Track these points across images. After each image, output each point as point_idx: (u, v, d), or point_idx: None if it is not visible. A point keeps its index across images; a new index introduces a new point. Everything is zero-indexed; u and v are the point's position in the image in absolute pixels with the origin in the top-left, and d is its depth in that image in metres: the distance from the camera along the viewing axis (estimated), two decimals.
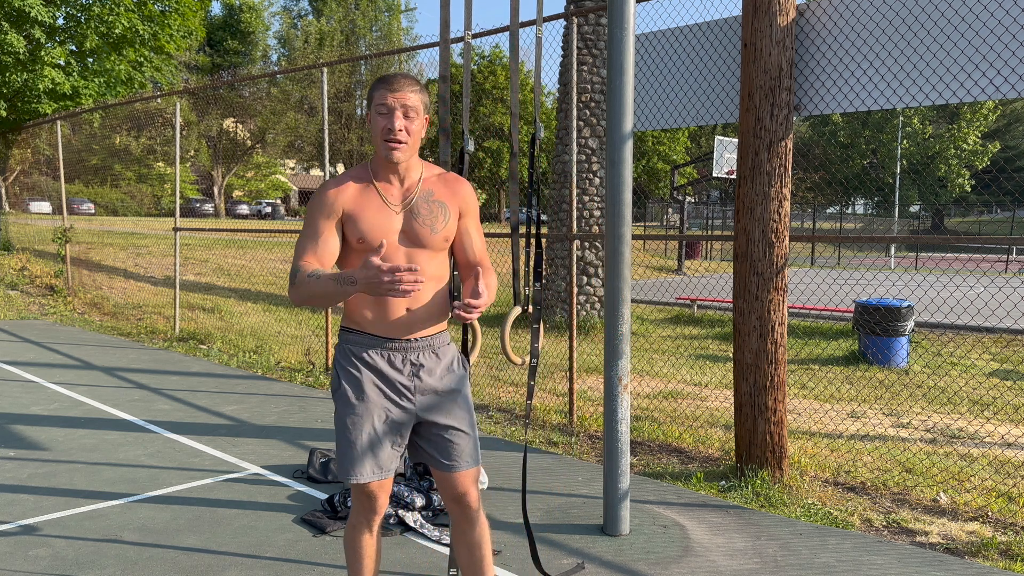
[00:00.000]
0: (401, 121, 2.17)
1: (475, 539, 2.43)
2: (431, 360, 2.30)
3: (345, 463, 2.27)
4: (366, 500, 2.32)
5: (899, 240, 4.08)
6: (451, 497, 2.38)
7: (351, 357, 2.28)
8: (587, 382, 7.03)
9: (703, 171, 36.42)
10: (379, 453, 2.26)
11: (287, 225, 30.09)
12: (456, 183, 2.34)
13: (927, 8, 3.88)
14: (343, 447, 2.28)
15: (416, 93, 2.19)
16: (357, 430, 2.25)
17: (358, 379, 2.26)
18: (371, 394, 2.26)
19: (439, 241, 2.26)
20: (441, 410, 2.32)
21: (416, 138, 2.21)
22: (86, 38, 17.37)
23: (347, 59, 7.21)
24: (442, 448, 2.33)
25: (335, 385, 2.31)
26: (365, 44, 37.44)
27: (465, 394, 2.38)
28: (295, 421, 5.53)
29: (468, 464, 2.35)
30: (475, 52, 39.25)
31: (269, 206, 46.79)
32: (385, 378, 2.26)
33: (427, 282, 2.26)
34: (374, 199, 2.23)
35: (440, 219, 2.26)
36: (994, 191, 45.09)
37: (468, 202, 2.36)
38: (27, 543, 3.39)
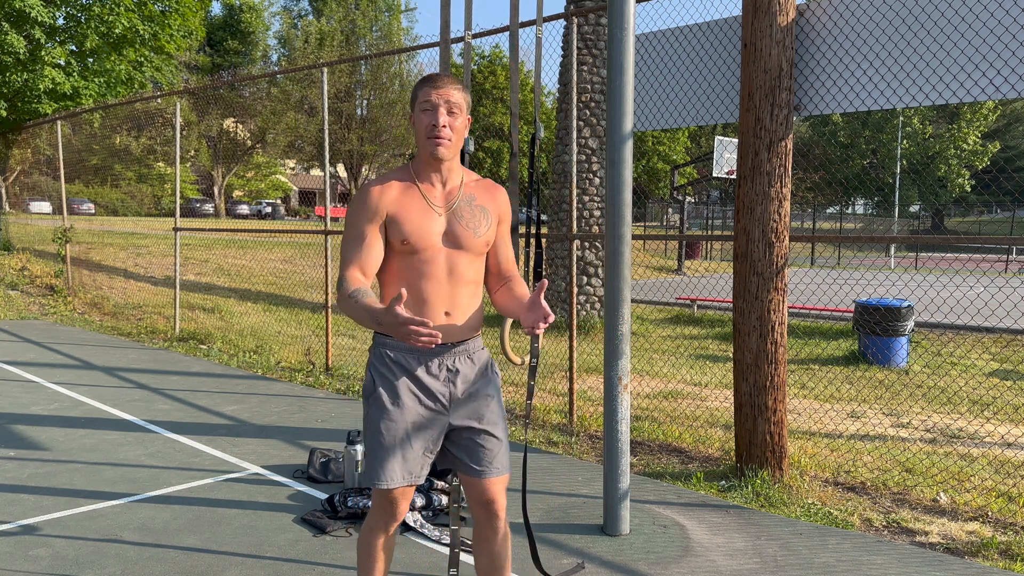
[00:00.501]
0: (445, 117, 2.16)
1: (497, 548, 2.41)
2: (466, 365, 2.28)
3: (376, 467, 2.24)
4: (389, 505, 2.28)
5: (899, 240, 4.08)
6: (478, 503, 2.35)
7: (387, 361, 2.25)
8: (587, 382, 7.03)
9: (703, 171, 36.42)
10: (410, 459, 2.23)
11: (287, 225, 30.10)
12: (495, 189, 2.35)
13: (927, 8, 3.88)
14: (375, 451, 2.24)
15: (459, 91, 2.20)
16: (391, 435, 2.22)
17: (394, 383, 2.23)
18: (406, 399, 2.22)
19: (480, 245, 2.25)
20: (475, 415, 2.29)
21: (459, 136, 2.21)
22: (86, 38, 17.37)
23: (347, 59, 7.21)
24: (474, 453, 2.30)
25: (369, 389, 2.27)
26: (365, 44, 37.41)
27: (498, 399, 2.36)
28: (295, 421, 5.53)
29: (499, 471, 2.32)
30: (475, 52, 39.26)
31: (269, 206, 46.79)
32: (421, 383, 2.23)
33: (465, 286, 2.24)
34: (417, 200, 2.21)
35: (483, 223, 2.26)
36: (994, 191, 45.09)
37: (505, 210, 2.36)
38: (27, 543, 3.39)
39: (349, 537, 3.49)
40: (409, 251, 2.19)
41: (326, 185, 6.70)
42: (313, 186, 57.15)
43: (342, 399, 6.22)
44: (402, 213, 2.19)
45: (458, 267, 2.22)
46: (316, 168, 42.56)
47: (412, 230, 2.18)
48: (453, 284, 2.22)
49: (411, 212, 2.19)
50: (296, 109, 33.19)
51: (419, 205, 2.21)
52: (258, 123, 36.96)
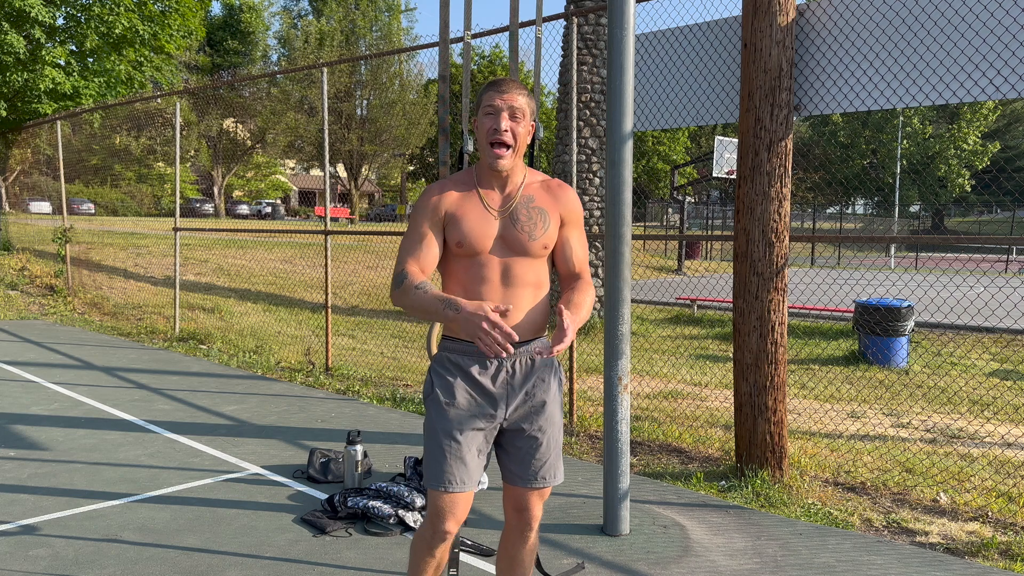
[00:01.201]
0: (507, 122, 2.14)
1: (522, 556, 2.40)
2: (525, 367, 2.24)
3: (435, 470, 2.20)
4: (443, 511, 2.22)
5: (899, 240, 4.08)
6: (514, 508, 2.33)
7: (447, 363, 2.25)
8: (587, 382, 7.03)
9: (703, 171, 36.42)
10: (468, 461, 2.20)
11: (287, 225, 30.09)
12: (559, 190, 2.29)
13: (927, 8, 3.88)
14: (433, 452, 2.21)
15: (525, 96, 2.18)
16: (446, 437, 2.20)
17: (451, 385, 2.22)
18: (463, 401, 2.21)
19: (538, 248, 2.22)
20: (532, 420, 2.26)
21: (522, 142, 2.18)
22: (86, 38, 17.37)
23: (347, 59, 7.21)
24: (521, 460, 2.27)
25: (427, 390, 2.27)
26: (365, 44, 37.41)
27: (559, 405, 2.32)
28: (295, 421, 5.53)
29: (543, 482, 2.29)
30: (475, 52, 39.24)
31: (269, 206, 46.79)
32: (477, 384, 2.21)
33: (523, 289, 2.21)
34: (476, 204, 2.21)
35: (540, 226, 2.22)
36: (994, 191, 45.09)
37: (571, 210, 2.30)
38: (27, 543, 3.39)
39: (349, 537, 3.49)
40: (465, 254, 2.19)
41: (326, 185, 6.70)
42: (313, 186, 57.15)
43: (342, 399, 6.22)
44: (460, 216, 2.19)
45: (514, 270, 2.20)
46: (316, 168, 42.57)
47: (467, 233, 2.18)
48: (509, 287, 2.20)
49: (468, 215, 2.19)
50: (296, 109, 33.20)
51: (477, 208, 2.21)
52: (258, 123, 36.97)
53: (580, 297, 2.20)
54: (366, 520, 3.66)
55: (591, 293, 2.25)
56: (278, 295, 13.18)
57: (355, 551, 3.34)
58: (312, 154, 36.05)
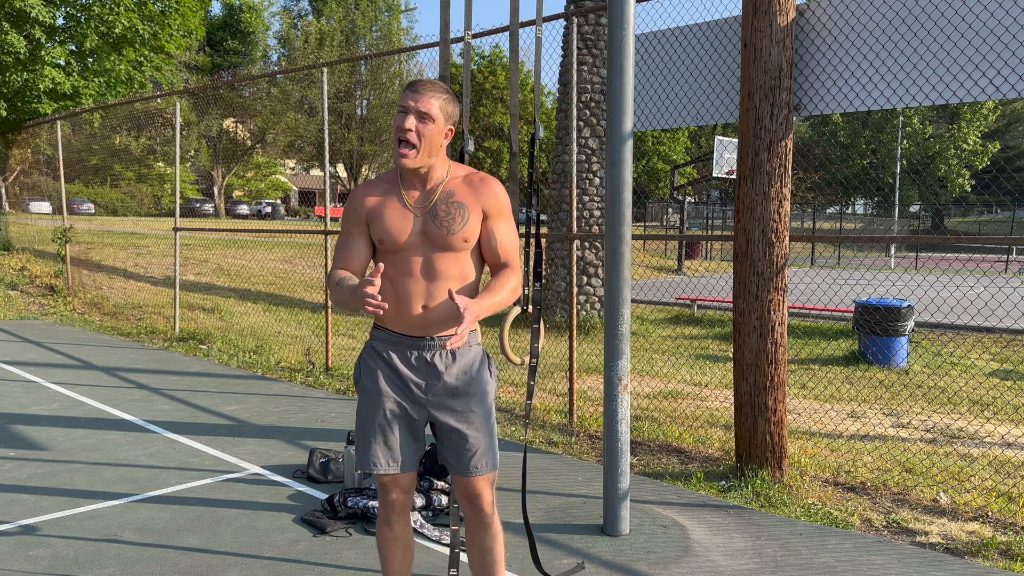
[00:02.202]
0: (412, 122, 2.19)
1: (486, 543, 2.45)
2: (445, 360, 2.32)
3: (360, 452, 2.35)
4: (382, 492, 2.39)
5: (899, 240, 4.08)
6: (463, 497, 2.41)
7: (372, 352, 2.37)
8: (587, 382, 7.03)
9: (703, 171, 36.42)
10: (392, 446, 2.33)
11: (287, 225, 30.09)
12: (482, 184, 2.32)
13: (927, 8, 3.88)
14: (359, 437, 2.36)
15: (439, 100, 2.22)
16: (370, 422, 2.33)
17: (375, 372, 2.34)
18: (385, 388, 2.32)
19: (457, 242, 2.27)
20: (453, 411, 2.34)
21: (429, 142, 2.22)
22: (86, 38, 17.37)
23: (347, 59, 7.21)
24: (453, 450, 2.37)
25: (356, 377, 2.40)
26: (365, 44, 37.40)
27: (484, 399, 2.37)
28: (295, 421, 5.53)
29: (480, 469, 2.36)
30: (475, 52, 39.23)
31: (269, 206, 46.79)
32: (399, 374, 2.32)
33: (446, 282, 2.28)
34: (395, 202, 2.30)
35: (458, 220, 2.27)
36: (994, 191, 45.09)
37: (493, 202, 2.32)
38: (27, 543, 3.39)
39: (349, 537, 3.49)
40: (387, 250, 2.29)
41: (326, 185, 6.70)
42: (313, 186, 57.14)
43: (342, 399, 6.22)
44: (380, 214, 2.29)
45: (436, 264, 2.27)
46: (316, 168, 42.57)
47: (387, 230, 2.27)
48: (432, 280, 2.27)
49: (388, 213, 2.28)
50: (296, 109, 33.19)
51: (396, 206, 2.29)
52: (258, 123, 36.96)
53: (497, 282, 2.27)
54: (366, 520, 3.66)
55: (514, 277, 2.30)
56: (278, 295, 13.18)
57: (355, 551, 3.34)
58: (312, 154, 36.05)
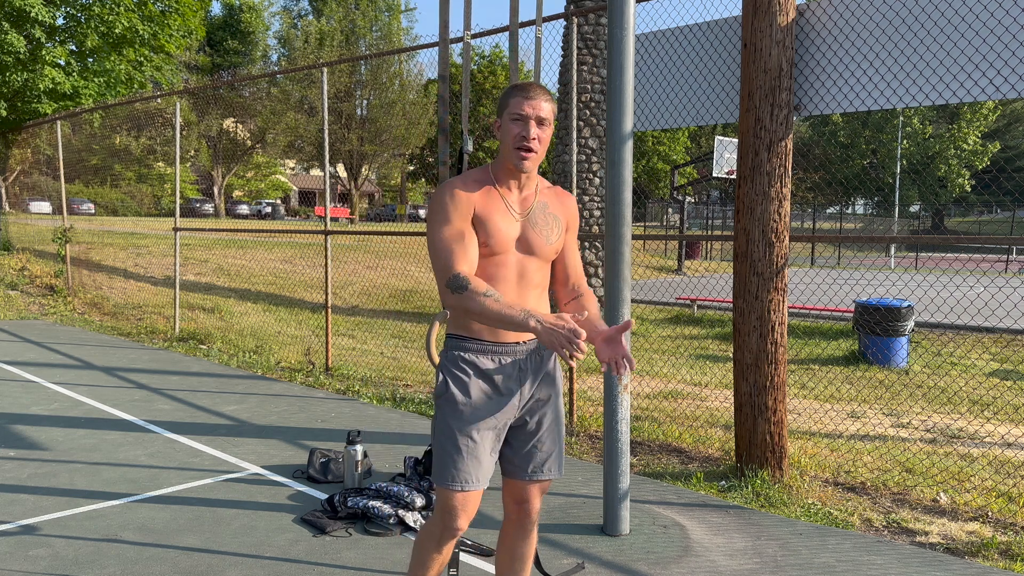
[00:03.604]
0: (535, 130, 2.17)
1: (522, 550, 2.43)
2: (534, 364, 2.30)
3: (450, 469, 2.21)
4: (455, 510, 2.24)
5: (899, 240, 4.08)
6: (514, 500, 2.37)
7: (460, 363, 2.25)
8: (587, 382, 7.03)
9: (703, 171, 36.42)
10: (483, 459, 2.23)
11: (287, 225, 30.08)
12: (566, 197, 2.37)
13: (927, 8, 3.88)
14: (448, 452, 2.22)
15: (550, 103, 2.22)
16: (461, 436, 2.21)
17: (466, 384, 2.23)
18: (478, 400, 2.23)
19: (550, 252, 2.28)
20: (538, 414, 2.32)
21: (544, 148, 2.22)
22: (86, 38, 17.37)
23: (347, 59, 7.21)
24: (525, 455, 2.32)
25: (441, 390, 2.25)
26: (365, 44, 37.40)
27: (557, 401, 2.37)
28: (295, 421, 5.53)
29: (550, 472, 2.34)
30: (475, 52, 39.22)
31: (269, 206, 46.78)
32: (493, 382, 2.24)
33: (533, 290, 2.27)
34: (499, 204, 2.23)
35: (555, 231, 2.29)
36: (994, 191, 45.09)
37: (574, 217, 2.38)
38: (27, 543, 3.39)
39: (349, 537, 3.49)
40: (487, 253, 2.21)
41: (326, 185, 6.70)
42: (313, 186, 57.13)
43: (342, 399, 6.22)
44: (487, 215, 2.20)
45: (527, 271, 2.25)
46: (316, 168, 42.56)
47: (494, 232, 2.20)
48: (522, 287, 2.25)
49: (495, 215, 2.21)
50: (296, 109, 33.18)
51: (501, 208, 2.23)
52: (258, 123, 36.96)
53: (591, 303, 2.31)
54: (366, 520, 3.66)
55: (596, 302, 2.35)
56: (278, 295, 13.17)
57: (355, 551, 3.34)
58: (312, 154, 36.05)
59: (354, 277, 14.84)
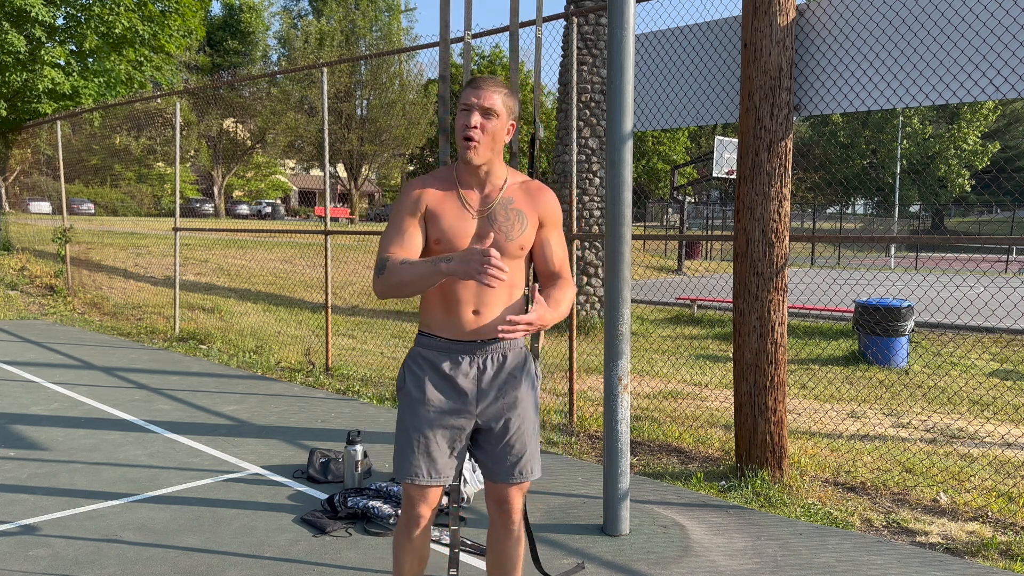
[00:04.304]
0: (477, 119, 2.16)
1: (508, 551, 2.42)
2: (496, 364, 2.28)
3: (402, 462, 2.27)
4: (412, 502, 2.30)
5: (899, 240, 4.08)
6: (494, 501, 2.37)
7: (419, 358, 2.29)
8: (587, 382, 7.03)
9: (703, 171, 36.42)
10: (436, 456, 2.25)
11: (287, 225, 30.09)
12: (539, 192, 2.32)
13: (927, 8, 3.88)
14: (401, 445, 2.28)
15: (501, 96, 2.20)
16: (414, 431, 2.25)
17: (421, 380, 2.26)
18: (432, 396, 2.25)
19: (513, 248, 2.25)
20: (503, 416, 2.29)
21: (493, 139, 2.19)
22: (86, 38, 17.37)
23: (347, 59, 7.21)
24: (497, 455, 2.31)
25: (400, 384, 2.32)
26: (365, 44, 37.40)
27: (532, 401, 2.34)
28: (295, 421, 5.53)
29: (524, 475, 2.33)
30: (475, 52, 39.21)
31: (269, 206, 46.78)
32: (450, 381, 2.25)
33: (500, 289, 2.25)
34: (455, 202, 2.24)
35: (517, 227, 2.25)
36: (994, 191, 45.09)
37: (549, 211, 2.33)
38: (27, 543, 3.39)
39: (349, 537, 3.49)
40: (442, 250, 2.22)
41: (326, 185, 6.70)
42: (313, 186, 57.14)
43: (342, 399, 6.22)
44: (439, 212, 2.22)
45: None
46: (316, 168, 42.56)
47: (446, 230, 2.21)
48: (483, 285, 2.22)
49: (447, 212, 2.22)
50: (296, 109, 33.18)
51: (456, 206, 2.23)
52: (258, 123, 36.97)
53: (559, 293, 2.26)
54: (366, 520, 3.66)
55: (570, 292, 2.30)
56: (278, 295, 13.18)
57: (355, 551, 3.34)
58: (312, 154, 36.04)
59: (354, 277, 14.84)
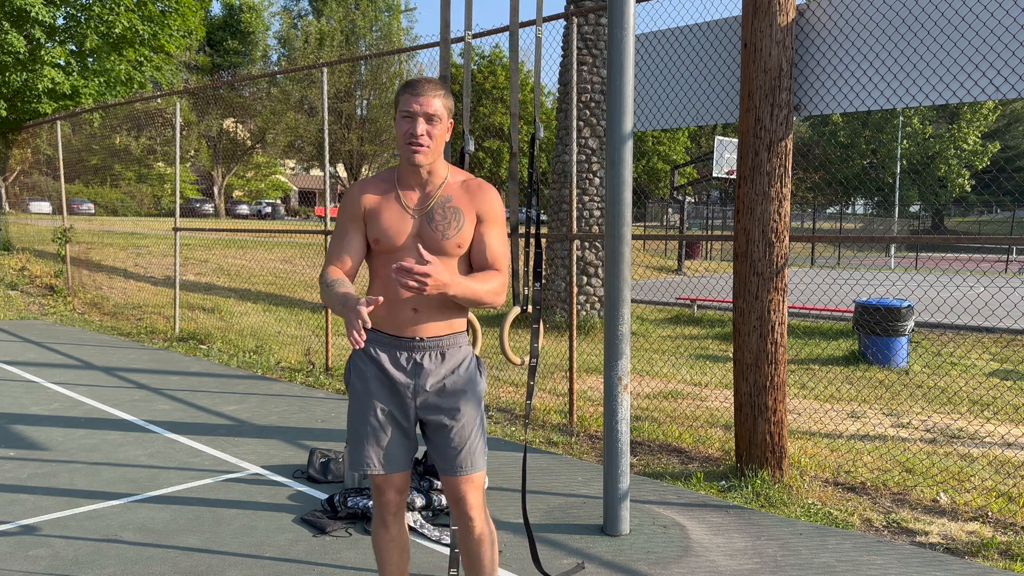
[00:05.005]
0: (423, 126, 2.20)
1: (471, 546, 2.43)
2: (434, 361, 2.32)
3: (353, 453, 2.36)
4: (376, 493, 2.40)
5: (899, 240, 4.08)
6: (450, 499, 2.42)
7: (361, 353, 2.37)
8: (587, 382, 7.03)
9: (703, 171, 36.42)
10: (384, 445, 2.34)
11: (287, 225, 30.08)
12: (479, 190, 2.34)
13: (927, 8, 3.88)
14: (351, 438, 2.37)
15: (440, 98, 2.23)
16: (362, 423, 2.34)
17: (364, 373, 2.34)
18: (374, 388, 2.33)
19: (451, 247, 2.27)
20: (440, 410, 2.34)
21: (438, 142, 2.25)
22: (86, 38, 17.37)
23: (347, 59, 7.21)
24: (440, 449, 2.37)
25: (346, 378, 2.40)
26: (365, 44, 37.39)
27: (472, 398, 2.37)
28: (295, 421, 5.53)
29: (465, 469, 2.36)
30: (475, 52, 39.21)
31: (269, 206, 46.78)
32: (387, 374, 2.32)
33: None
34: (393, 202, 2.29)
35: (453, 225, 2.28)
36: (994, 191, 45.09)
37: (488, 208, 2.33)
38: (27, 543, 3.39)
39: (349, 537, 3.49)
40: (382, 251, 2.29)
41: (326, 185, 6.70)
42: (313, 186, 57.13)
43: (342, 399, 6.22)
44: (378, 214, 2.29)
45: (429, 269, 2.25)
46: (316, 168, 42.56)
47: (384, 230, 2.27)
48: None
49: (386, 213, 2.28)
50: (296, 109, 33.17)
51: (394, 207, 2.29)
52: (258, 123, 36.96)
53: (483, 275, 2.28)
54: (366, 520, 3.66)
55: (496, 278, 2.29)
56: (278, 295, 13.18)
57: (355, 551, 3.34)
58: (312, 154, 36.04)
59: None
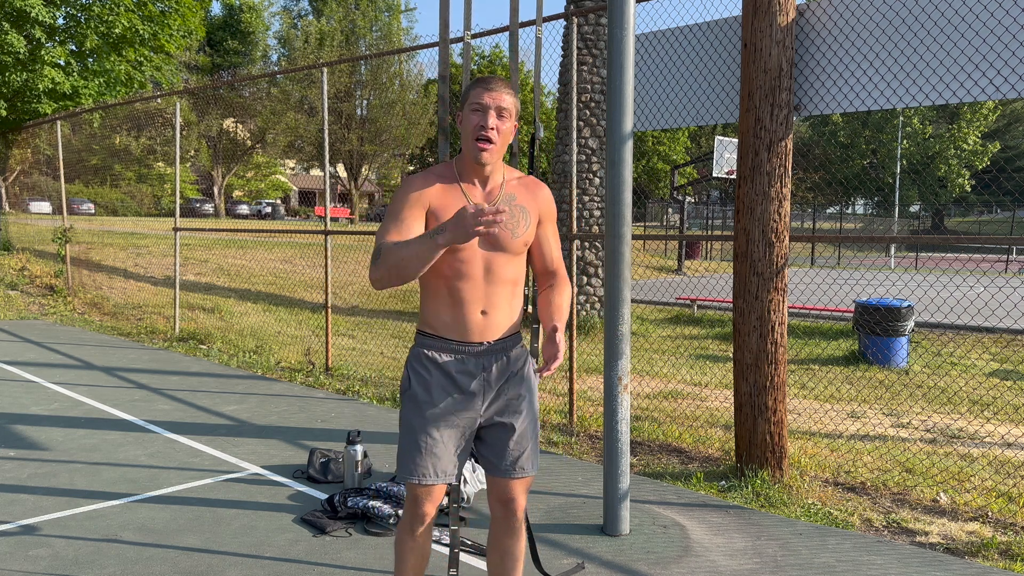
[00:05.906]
0: (494, 120, 2.16)
1: (511, 548, 2.42)
2: (502, 364, 2.29)
3: (408, 463, 2.26)
4: (416, 502, 2.31)
5: (899, 240, 4.08)
6: (498, 500, 2.37)
7: (423, 360, 2.28)
8: (587, 382, 7.03)
9: (703, 171, 36.42)
10: (442, 456, 2.26)
11: (287, 225, 30.09)
12: (537, 188, 2.33)
13: (927, 8, 3.88)
14: (407, 447, 2.27)
15: (512, 97, 2.20)
16: (419, 432, 2.25)
17: (428, 380, 2.26)
18: (439, 396, 2.25)
19: (518, 245, 2.25)
20: (505, 414, 2.30)
21: (504, 139, 2.20)
22: (86, 38, 17.37)
23: (347, 59, 7.21)
24: (500, 452, 2.32)
25: (405, 386, 2.31)
26: (365, 44, 37.39)
27: (532, 399, 2.36)
28: (295, 421, 5.53)
29: (523, 472, 2.33)
30: (475, 52, 39.21)
31: (269, 206, 46.78)
32: (455, 381, 2.26)
33: (503, 286, 2.25)
34: (458, 198, 2.22)
35: (521, 224, 2.26)
36: (994, 191, 45.09)
37: (548, 208, 2.34)
38: (27, 543, 3.39)
39: (349, 537, 3.49)
40: (449, 250, 2.19)
41: (326, 185, 6.70)
42: (313, 186, 57.13)
43: (342, 399, 6.22)
44: (442, 209, 2.20)
45: (495, 267, 2.23)
46: (316, 168, 42.55)
47: None
48: (490, 284, 2.23)
49: (451, 209, 2.20)
50: (296, 109, 33.17)
51: (459, 203, 2.21)
52: (258, 123, 36.96)
53: (560, 299, 2.29)
54: (366, 520, 3.66)
55: (568, 291, 2.32)
56: (278, 295, 13.18)
57: (355, 551, 3.34)
58: (312, 154, 36.04)
59: (354, 277, 14.84)
